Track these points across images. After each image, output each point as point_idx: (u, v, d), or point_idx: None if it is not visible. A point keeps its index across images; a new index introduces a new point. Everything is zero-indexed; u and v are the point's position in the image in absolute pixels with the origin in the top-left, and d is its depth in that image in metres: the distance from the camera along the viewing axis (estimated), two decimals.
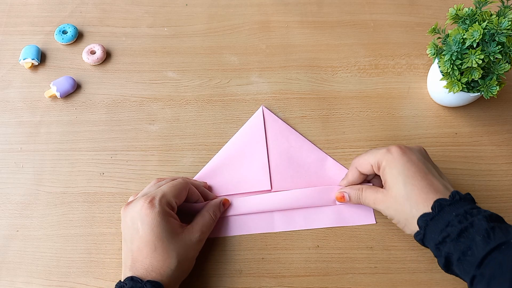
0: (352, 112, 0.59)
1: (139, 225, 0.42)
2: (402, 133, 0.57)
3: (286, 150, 0.55)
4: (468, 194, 0.42)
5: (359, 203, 0.49)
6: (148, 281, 0.39)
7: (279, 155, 0.54)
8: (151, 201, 0.43)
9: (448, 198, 0.40)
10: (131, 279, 0.40)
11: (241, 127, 0.57)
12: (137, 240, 0.42)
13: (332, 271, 0.49)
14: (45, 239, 0.50)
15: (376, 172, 0.46)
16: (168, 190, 0.44)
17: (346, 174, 0.50)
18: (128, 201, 0.46)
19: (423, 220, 0.41)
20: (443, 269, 0.40)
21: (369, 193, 0.47)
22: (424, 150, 0.47)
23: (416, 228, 0.42)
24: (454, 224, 0.38)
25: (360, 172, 0.48)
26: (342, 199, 0.50)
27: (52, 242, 0.50)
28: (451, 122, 0.58)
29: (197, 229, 0.45)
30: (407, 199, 0.42)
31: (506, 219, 0.51)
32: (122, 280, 0.41)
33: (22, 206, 0.52)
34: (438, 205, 0.40)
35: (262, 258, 0.50)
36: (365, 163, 0.47)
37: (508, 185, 0.54)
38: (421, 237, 0.41)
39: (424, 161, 0.44)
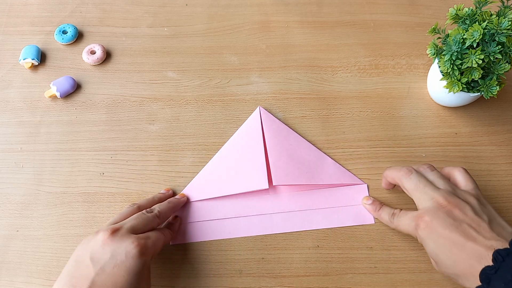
0: (352, 112, 0.59)
1: (118, 261, 0.39)
2: (402, 133, 0.57)
3: (285, 149, 0.55)
4: (511, 244, 0.39)
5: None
6: None
7: (278, 152, 0.54)
8: (144, 247, 0.41)
9: (492, 264, 0.38)
10: None
11: (241, 126, 0.57)
12: (106, 274, 0.38)
13: (332, 271, 0.49)
14: (45, 239, 0.50)
15: None
16: (157, 240, 0.43)
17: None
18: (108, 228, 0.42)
19: None
20: None
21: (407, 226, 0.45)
22: (454, 204, 0.42)
23: None
24: None
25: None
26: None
27: (52, 242, 0.50)
28: (451, 122, 0.58)
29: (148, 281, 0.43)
30: (456, 275, 0.41)
31: (506, 219, 0.52)
32: None
33: (22, 206, 0.52)
34: (485, 277, 0.38)
35: (262, 258, 0.50)
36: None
37: (508, 185, 0.54)
38: None
39: (456, 226, 0.41)
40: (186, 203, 0.52)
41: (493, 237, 0.40)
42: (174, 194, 0.53)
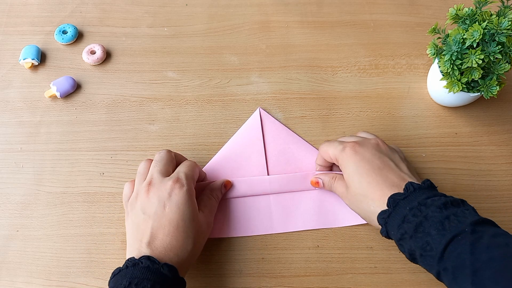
0: (352, 112, 0.59)
1: (166, 202, 0.42)
2: (402, 133, 0.57)
3: (284, 151, 0.55)
4: (426, 181, 0.42)
5: (331, 191, 0.50)
6: (165, 263, 0.39)
7: (277, 156, 0.54)
8: (180, 180, 0.44)
9: (402, 192, 0.40)
10: (148, 258, 0.39)
11: (241, 127, 0.57)
12: (160, 216, 0.42)
13: (332, 271, 0.49)
14: (45, 239, 0.50)
15: (336, 164, 0.48)
16: (188, 170, 0.46)
17: (317, 155, 0.52)
18: (125, 190, 0.47)
19: (382, 218, 0.41)
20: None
21: (339, 185, 0.48)
22: (382, 142, 0.47)
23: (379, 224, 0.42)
24: (409, 220, 0.38)
25: (323, 158, 0.50)
26: (316, 184, 0.51)
27: (52, 242, 0.50)
28: (451, 122, 0.58)
29: (207, 213, 0.46)
30: (365, 197, 0.43)
31: (506, 219, 0.52)
32: (136, 258, 0.40)
33: (22, 206, 0.52)
34: (393, 201, 0.40)
35: (262, 258, 0.50)
36: (326, 154, 0.48)
37: (508, 185, 0.54)
38: (385, 234, 0.41)
39: (379, 155, 0.44)
40: None
41: (408, 175, 0.43)
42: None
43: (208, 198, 0.48)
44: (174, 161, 0.48)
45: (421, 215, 0.37)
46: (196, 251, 0.44)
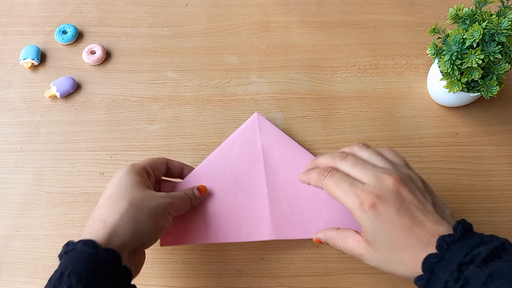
0: (352, 112, 0.59)
1: (109, 184, 0.43)
2: (402, 133, 0.57)
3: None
4: (457, 224, 0.36)
5: (337, 249, 0.43)
6: (80, 240, 0.37)
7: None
8: (134, 164, 0.44)
9: (436, 252, 0.36)
10: (67, 244, 0.38)
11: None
12: (115, 194, 0.41)
13: (332, 271, 0.49)
14: (45, 239, 0.50)
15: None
16: (142, 160, 0.46)
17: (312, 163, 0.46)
18: None
19: (421, 284, 0.37)
20: None
21: (351, 245, 0.41)
22: (400, 182, 0.39)
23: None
24: (451, 286, 0.34)
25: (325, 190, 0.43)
26: (319, 242, 0.46)
27: (52, 242, 0.50)
28: (451, 122, 0.58)
29: (166, 195, 0.43)
30: (399, 263, 0.38)
31: (506, 219, 0.52)
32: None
33: (22, 206, 0.52)
34: (428, 266, 0.36)
35: (262, 258, 0.50)
36: (332, 193, 0.41)
37: (508, 185, 0.54)
38: None
39: (404, 208, 0.38)
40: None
41: (438, 221, 0.37)
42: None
43: (177, 192, 0.46)
44: (158, 164, 0.48)
45: (463, 279, 0.33)
46: (138, 223, 0.39)
